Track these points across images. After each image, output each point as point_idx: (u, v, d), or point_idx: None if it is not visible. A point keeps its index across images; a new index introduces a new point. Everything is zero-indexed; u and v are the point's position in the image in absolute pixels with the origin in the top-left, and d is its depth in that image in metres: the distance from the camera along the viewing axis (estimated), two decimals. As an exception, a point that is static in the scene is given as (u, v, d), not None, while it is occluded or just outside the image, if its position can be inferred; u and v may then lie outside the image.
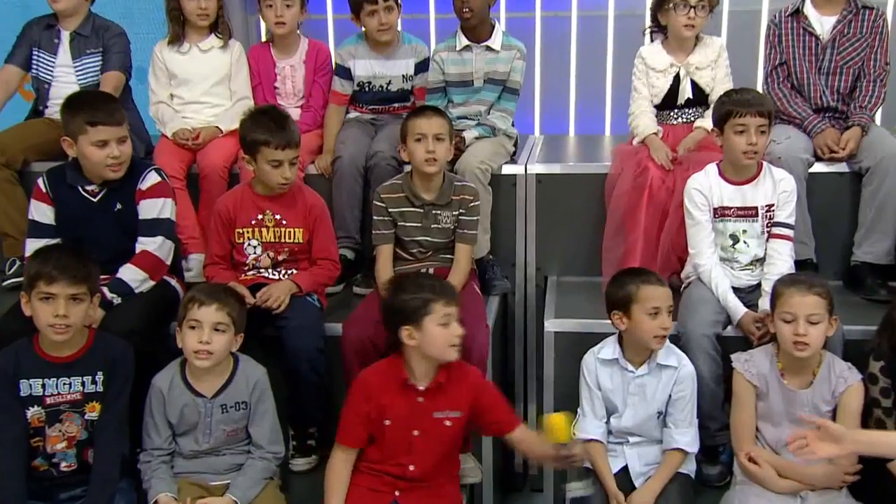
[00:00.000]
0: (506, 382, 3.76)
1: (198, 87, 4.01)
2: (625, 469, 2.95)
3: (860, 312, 3.28)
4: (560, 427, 2.67)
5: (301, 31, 4.08)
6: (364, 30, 3.91)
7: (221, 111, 4.01)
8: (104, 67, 4.06)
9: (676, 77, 3.72)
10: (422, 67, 3.97)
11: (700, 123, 3.68)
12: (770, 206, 3.25)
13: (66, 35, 4.05)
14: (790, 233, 3.25)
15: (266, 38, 4.24)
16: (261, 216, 3.27)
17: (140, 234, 3.23)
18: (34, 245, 3.14)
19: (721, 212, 3.27)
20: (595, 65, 5.18)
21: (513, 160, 3.88)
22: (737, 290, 3.21)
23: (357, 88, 3.99)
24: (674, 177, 3.52)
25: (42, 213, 3.25)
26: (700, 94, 3.72)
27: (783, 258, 3.22)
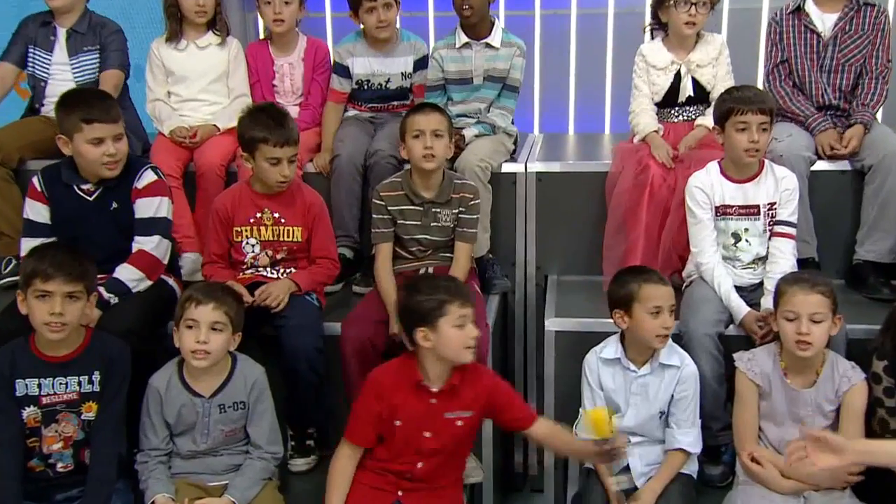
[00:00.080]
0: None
1: (195, 85, 3.99)
2: (626, 469, 2.91)
3: (863, 311, 3.26)
4: (602, 422, 2.63)
5: (299, 29, 4.06)
6: (363, 27, 3.89)
7: (219, 109, 3.99)
8: (103, 66, 4.03)
9: (677, 75, 3.70)
10: (421, 65, 3.95)
11: (701, 121, 3.67)
12: (772, 205, 3.23)
13: (63, 32, 4.03)
14: (792, 231, 3.23)
15: (264, 36, 4.22)
16: (259, 214, 3.25)
17: (136, 234, 3.21)
18: (29, 244, 3.11)
19: (723, 210, 3.25)
20: (595, 63, 5.16)
21: (513, 158, 3.87)
22: (739, 289, 3.19)
23: (356, 87, 3.97)
24: (675, 175, 3.50)
25: (37, 212, 3.23)
26: (701, 92, 3.70)
27: (785, 257, 3.20)
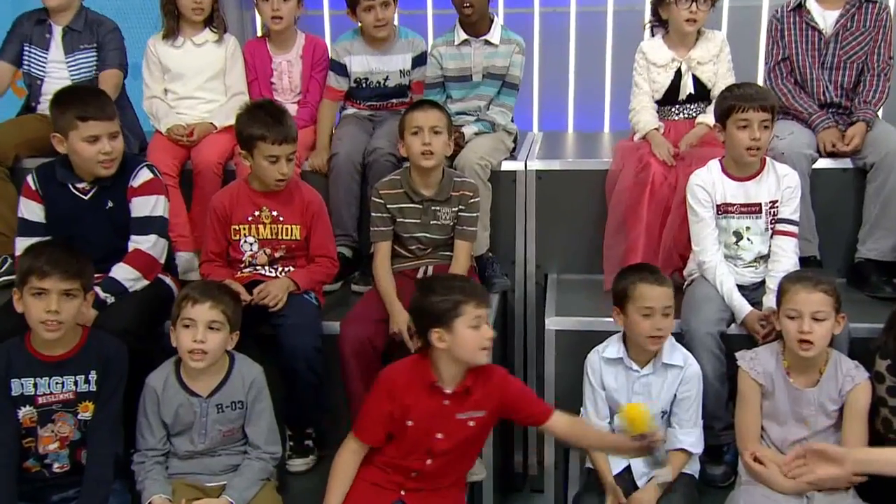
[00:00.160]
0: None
1: (192, 82, 3.97)
2: (627, 469, 2.90)
3: (865, 310, 3.24)
4: (640, 418, 2.59)
5: (297, 27, 4.04)
6: (360, 25, 3.86)
7: (216, 107, 3.97)
8: (101, 65, 4.02)
9: (678, 72, 3.68)
10: (419, 62, 3.92)
11: (702, 119, 3.65)
12: (774, 203, 3.21)
13: (59, 30, 4.01)
14: (794, 229, 3.21)
15: (262, 33, 4.19)
16: (257, 213, 3.23)
17: (132, 233, 3.18)
18: (24, 244, 3.08)
19: (724, 208, 3.23)
20: (594, 61, 5.15)
21: (512, 156, 3.85)
22: (741, 288, 3.17)
23: (354, 85, 3.95)
24: (676, 173, 3.48)
25: (32, 211, 3.20)
26: (702, 90, 3.68)
27: (787, 255, 3.18)
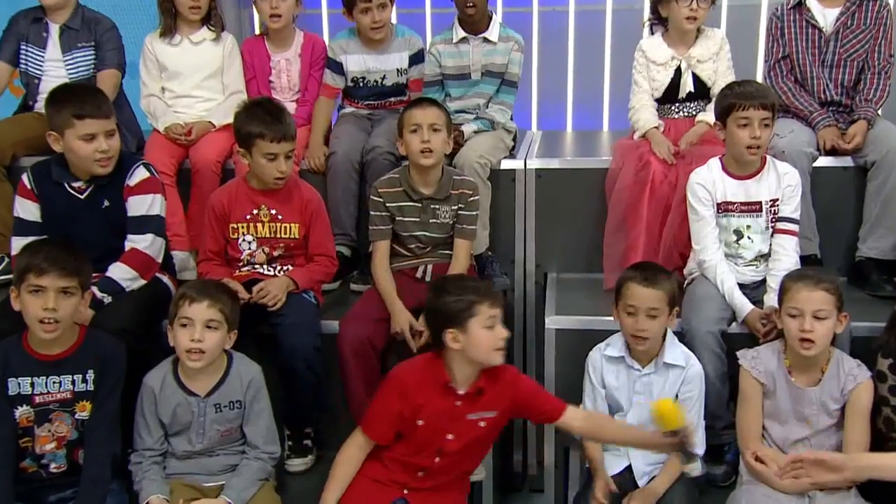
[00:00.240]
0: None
1: (189, 80, 3.96)
2: (628, 468, 2.89)
3: (866, 309, 3.22)
4: (672, 414, 2.58)
5: (295, 25, 4.02)
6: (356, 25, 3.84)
7: (214, 105, 3.96)
8: (99, 65, 4.01)
9: (677, 70, 3.67)
10: (416, 60, 3.91)
11: (702, 117, 3.64)
12: (774, 201, 3.20)
13: (56, 28, 3.99)
14: (795, 228, 3.20)
15: (260, 31, 4.18)
16: (256, 211, 3.21)
17: (129, 232, 3.16)
18: (20, 243, 3.05)
19: (724, 207, 3.22)
20: (593, 60, 5.15)
21: (512, 155, 3.84)
22: (741, 287, 3.15)
23: (351, 84, 3.93)
24: (676, 171, 3.47)
25: (27, 210, 3.17)
26: (701, 88, 3.67)
27: (788, 254, 3.17)
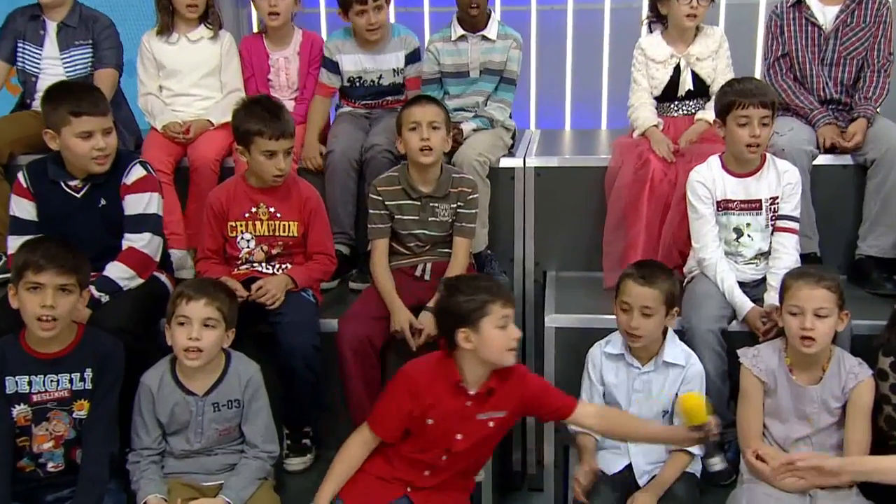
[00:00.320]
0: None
1: (187, 79, 3.95)
2: (629, 467, 2.88)
3: (865, 307, 3.21)
4: (700, 408, 2.57)
5: (294, 23, 4.01)
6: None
7: (212, 104, 3.96)
8: (97, 64, 3.99)
9: (677, 68, 3.67)
10: (412, 58, 3.90)
11: (701, 115, 3.63)
12: (774, 199, 3.19)
13: (53, 26, 3.98)
14: (795, 226, 3.20)
15: (258, 29, 4.16)
16: (254, 209, 3.20)
17: (126, 231, 3.14)
18: (16, 243, 3.04)
19: (724, 205, 3.21)
20: (591, 59, 5.15)
21: (511, 153, 3.83)
22: (741, 285, 3.15)
23: (347, 84, 3.93)
24: (675, 169, 3.47)
25: (23, 209, 3.16)
26: (701, 86, 3.67)
27: (788, 252, 3.16)
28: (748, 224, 3.21)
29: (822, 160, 3.56)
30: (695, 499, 2.86)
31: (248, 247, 3.22)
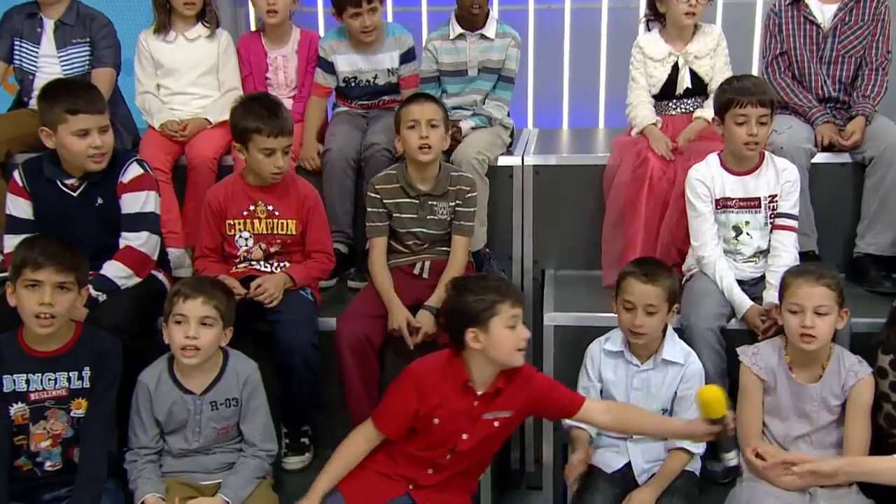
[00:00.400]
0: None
1: (184, 77, 3.95)
2: (628, 465, 2.87)
3: (864, 305, 3.22)
4: (719, 401, 2.55)
5: (292, 21, 4.00)
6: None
7: (209, 102, 3.95)
8: (95, 63, 3.98)
9: (675, 66, 3.67)
10: (407, 58, 3.89)
11: (699, 113, 3.63)
12: (773, 197, 3.19)
13: (50, 24, 3.97)
14: (794, 224, 3.19)
15: (256, 28, 4.16)
16: (253, 207, 3.19)
17: (123, 230, 3.13)
18: (12, 242, 3.04)
19: (723, 203, 3.21)
20: (589, 58, 5.14)
21: (509, 151, 3.83)
22: (740, 283, 3.15)
23: (343, 84, 3.92)
24: (674, 167, 3.47)
25: (19, 208, 3.15)
26: (699, 84, 3.67)
27: (787, 250, 3.16)
28: (747, 222, 3.20)
29: (821, 158, 3.56)
30: (694, 498, 2.85)
31: (247, 245, 3.20)
